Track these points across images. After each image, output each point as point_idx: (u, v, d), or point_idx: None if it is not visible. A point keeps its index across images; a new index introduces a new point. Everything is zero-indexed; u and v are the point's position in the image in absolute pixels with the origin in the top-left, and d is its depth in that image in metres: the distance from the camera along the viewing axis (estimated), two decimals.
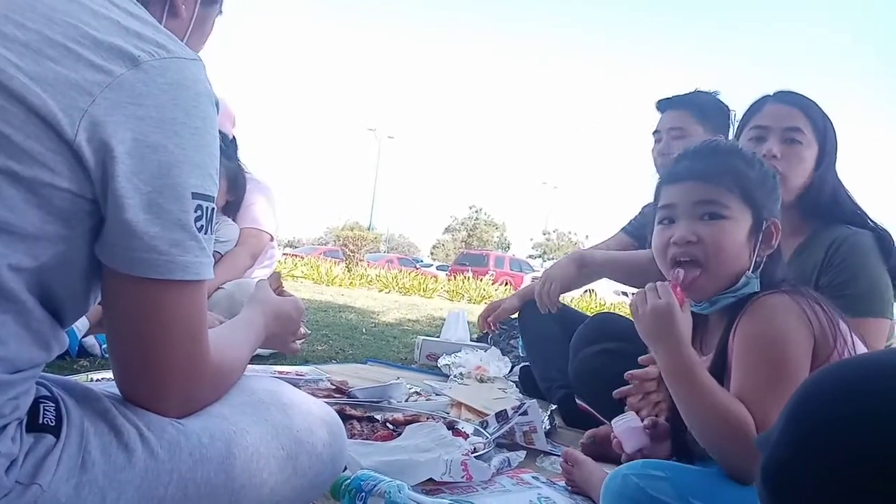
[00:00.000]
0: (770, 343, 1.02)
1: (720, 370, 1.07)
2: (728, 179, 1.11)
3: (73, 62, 0.68)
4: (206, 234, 0.76)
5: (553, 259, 43.49)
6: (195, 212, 0.74)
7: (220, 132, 2.93)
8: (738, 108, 2.08)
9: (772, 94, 1.73)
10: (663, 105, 2.31)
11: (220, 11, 0.99)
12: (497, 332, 2.61)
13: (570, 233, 47.62)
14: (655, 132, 2.30)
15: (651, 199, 2.52)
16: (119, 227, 0.70)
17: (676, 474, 1.01)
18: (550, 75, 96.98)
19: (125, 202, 0.70)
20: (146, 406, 0.79)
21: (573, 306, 3.23)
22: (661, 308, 1.04)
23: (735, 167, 1.13)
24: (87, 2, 0.72)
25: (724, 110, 2.27)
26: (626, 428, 1.24)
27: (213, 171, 0.77)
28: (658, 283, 1.08)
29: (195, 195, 0.74)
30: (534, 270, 25.66)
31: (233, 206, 2.82)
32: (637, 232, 2.59)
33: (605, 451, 1.64)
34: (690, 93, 2.30)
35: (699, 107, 2.22)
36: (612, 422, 1.27)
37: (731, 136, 2.22)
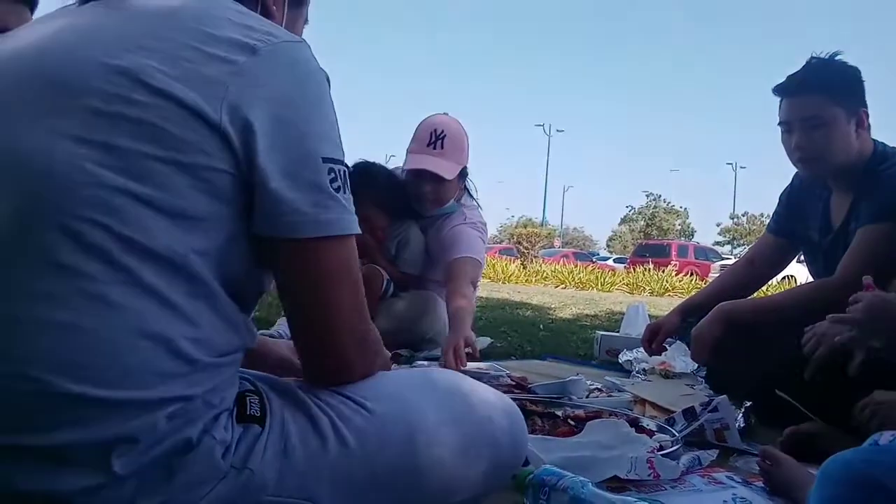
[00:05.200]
0: None
1: None
2: None
3: (204, 59, 0.77)
4: (344, 193, 0.83)
5: (743, 245, 40.40)
6: (329, 174, 0.81)
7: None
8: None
9: None
10: (787, 91, 2.00)
11: (307, 21, 1.07)
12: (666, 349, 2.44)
13: (762, 215, 43.23)
14: (782, 123, 2.02)
15: (787, 186, 2.29)
16: (265, 196, 0.78)
17: None
18: (729, 49, 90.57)
19: (268, 174, 0.77)
20: (332, 358, 0.86)
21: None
22: (875, 302, 1.19)
23: None
24: (204, 7, 0.82)
25: (854, 76, 1.97)
26: None
27: (337, 137, 0.85)
28: (855, 296, 1.23)
29: (325, 160, 0.81)
30: (722, 258, 23.87)
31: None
32: (781, 227, 2.31)
33: (806, 450, 1.51)
34: (814, 68, 1.98)
35: (830, 86, 1.93)
36: None
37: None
